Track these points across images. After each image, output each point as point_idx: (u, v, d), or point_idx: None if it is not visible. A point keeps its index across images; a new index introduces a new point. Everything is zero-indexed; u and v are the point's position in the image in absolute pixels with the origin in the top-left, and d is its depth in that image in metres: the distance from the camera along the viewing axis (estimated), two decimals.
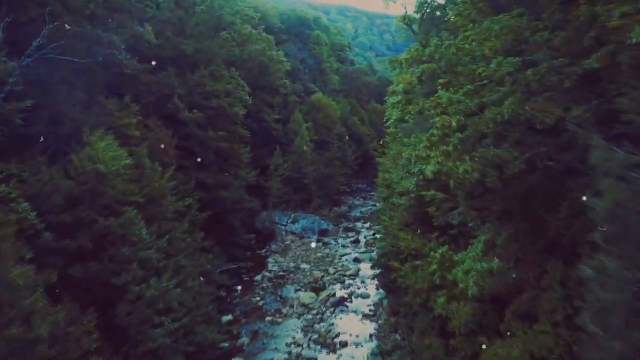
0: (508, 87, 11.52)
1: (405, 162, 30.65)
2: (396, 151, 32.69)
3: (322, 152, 58.81)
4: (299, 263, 38.24)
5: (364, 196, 67.19)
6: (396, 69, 34.35)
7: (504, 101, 11.38)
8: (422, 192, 23.77)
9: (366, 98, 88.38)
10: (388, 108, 50.06)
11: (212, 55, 38.25)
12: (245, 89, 41.72)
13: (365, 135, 73.56)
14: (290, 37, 78.75)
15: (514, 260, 14.70)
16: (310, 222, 46.27)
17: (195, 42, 37.55)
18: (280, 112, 55.59)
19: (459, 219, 21.47)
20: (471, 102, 12.14)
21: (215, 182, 34.83)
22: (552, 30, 13.32)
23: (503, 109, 10.97)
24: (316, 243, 42.75)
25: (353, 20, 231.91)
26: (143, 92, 33.04)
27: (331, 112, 62.83)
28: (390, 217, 30.91)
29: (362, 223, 51.63)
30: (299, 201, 50.39)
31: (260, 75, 52.69)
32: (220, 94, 36.76)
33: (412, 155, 30.53)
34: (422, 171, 20.19)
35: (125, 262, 18.61)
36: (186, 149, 33.68)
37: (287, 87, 55.95)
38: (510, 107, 10.92)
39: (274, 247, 41.76)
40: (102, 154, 19.22)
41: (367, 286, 33.98)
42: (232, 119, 37.65)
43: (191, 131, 33.64)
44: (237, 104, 38.18)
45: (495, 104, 11.85)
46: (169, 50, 36.57)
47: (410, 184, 26.23)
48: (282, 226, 45.79)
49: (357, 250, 42.27)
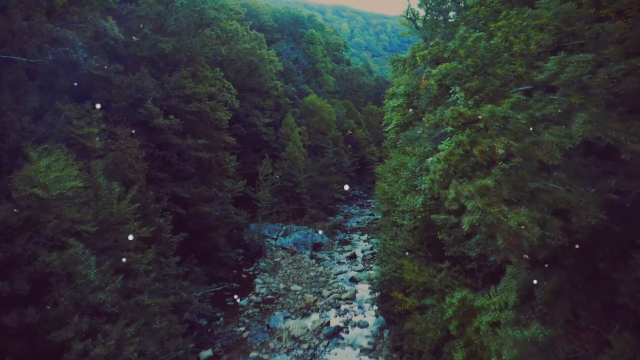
0: (576, 97, 7.93)
1: (408, 175, 27.13)
2: (398, 162, 29.09)
3: (317, 158, 55.21)
4: (290, 284, 34.57)
5: (360, 204, 63.64)
6: (398, 69, 30.70)
7: (572, 117, 7.79)
8: (431, 216, 20.18)
9: (363, 100, 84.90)
10: (387, 112, 46.54)
11: (193, 55, 34.57)
12: (232, 91, 38.06)
13: (362, 139, 69.99)
14: (284, 36, 75.18)
15: (563, 324, 11.10)
16: (303, 235, 42.61)
17: (175, 40, 33.91)
18: (272, 116, 51.99)
19: (478, 250, 17.94)
20: (523, 118, 8.54)
21: (196, 195, 31.13)
22: (614, 19, 9.77)
23: (574, 129, 7.39)
24: (309, 259, 39.09)
25: (349, 20, 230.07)
26: (116, 96, 29.45)
27: (326, 115, 59.20)
28: (392, 238, 27.35)
29: (359, 235, 48.02)
30: (292, 212, 46.73)
31: (250, 76, 49.09)
32: (202, 97, 33.08)
33: (416, 167, 27.08)
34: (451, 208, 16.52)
35: (67, 311, 14.90)
36: (162, 159, 30.02)
37: (279, 89, 52.30)
38: (584, 128, 7.34)
39: (262, 264, 38.07)
40: (42, 175, 15.48)
41: (366, 312, 30.36)
42: (215, 124, 33.96)
43: (168, 139, 29.93)
44: (222, 108, 34.51)
45: (554, 121, 8.25)
46: (146, 49, 32.94)
47: (415, 203, 22.67)
48: (273, 240, 42.12)
49: (353, 267, 38.66)
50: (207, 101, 33.22)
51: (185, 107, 31.58)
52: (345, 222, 54.12)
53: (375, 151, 70.63)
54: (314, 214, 47.40)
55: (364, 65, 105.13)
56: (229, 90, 37.12)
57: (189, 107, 31.63)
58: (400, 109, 38.27)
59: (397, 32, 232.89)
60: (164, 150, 30.08)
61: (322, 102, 60.50)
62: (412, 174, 26.70)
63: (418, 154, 27.76)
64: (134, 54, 32.63)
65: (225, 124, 34.66)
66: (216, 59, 43.88)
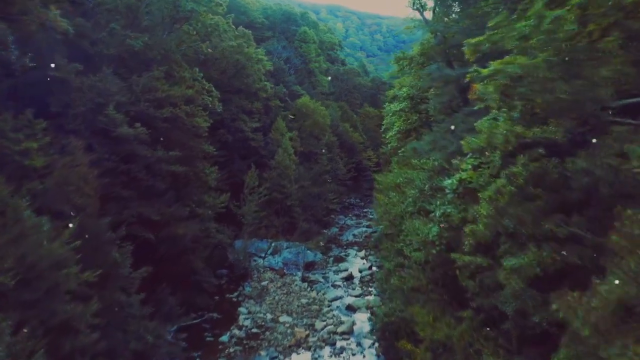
0: None
1: (416, 194, 23.04)
2: (403, 178, 24.93)
3: (309, 165, 51.01)
4: (279, 314, 30.35)
5: (357, 213, 59.53)
6: (404, 68, 26.53)
7: None
8: (451, 254, 16.04)
9: (359, 101, 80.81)
10: (387, 116, 42.48)
11: (168, 52, 30.30)
12: (214, 93, 33.83)
13: (358, 143, 65.90)
14: (275, 34, 70.96)
15: None
16: (294, 253, 38.43)
17: (147, 37, 29.66)
18: (260, 120, 47.73)
19: (516, 305, 13.81)
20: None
21: (169, 215, 26.85)
22: None
23: None
24: (300, 282, 34.91)
25: (343, 20, 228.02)
26: (76, 101, 25.20)
27: (320, 119, 55.06)
28: (397, 268, 23.28)
29: (355, 251, 43.92)
30: (282, 226, 42.50)
31: (236, 76, 44.83)
32: (177, 101, 28.82)
33: (425, 185, 22.99)
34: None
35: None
36: (127, 174, 25.70)
37: (268, 91, 48.04)
38: None
39: (248, 289, 33.84)
40: None
41: (365, 351, 26.21)
42: (193, 132, 29.69)
43: (135, 150, 25.64)
44: (200, 113, 30.28)
45: None
46: (114, 46, 28.71)
47: (428, 232, 18.56)
48: (261, 259, 37.90)
49: (350, 291, 34.52)
50: (184, 105, 28.96)
51: (157, 112, 27.31)
52: (341, 234, 50.00)
53: (372, 156, 66.59)
54: (306, 229, 43.18)
55: (359, 65, 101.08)
56: (210, 93, 32.85)
57: (160, 112, 27.35)
58: (402, 114, 34.28)
59: (392, 32, 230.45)
60: (130, 163, 25.76)
61: (315, 105, 56.37)
62: (421, 194, 22.61)
63: (427, 168, 23.76)
64: (100, 52, 28.46)
65: (205, 131, 30.38)
66: (198, 58, 39.58)
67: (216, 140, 41.68)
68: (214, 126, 41.14)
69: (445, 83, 19.70)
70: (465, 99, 20.52)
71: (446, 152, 19.77)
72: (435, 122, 26.03)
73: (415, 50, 24.83)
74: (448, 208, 17.64)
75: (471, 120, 18.83)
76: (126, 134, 24.13)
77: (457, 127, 20.22)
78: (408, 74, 28.03)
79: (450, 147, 19.42)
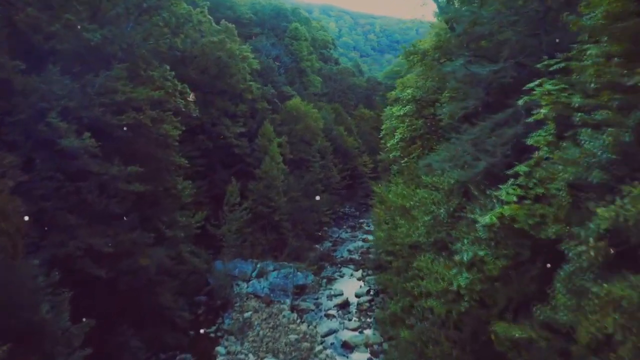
0: None
1: (430, 222, 18.69)
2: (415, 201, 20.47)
3: (300, 173, 46.54)
4: (263, 354, 25.86)
5: (352, 224, 55.12)
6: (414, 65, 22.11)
7: None
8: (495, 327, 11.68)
9: (353, 103, 76.42)
10: (387, 120, 38.14)
11: (132, 47, 25.68)
12: (188, 94, 29.27)
13: (353, 148, 61.49)
14: (264, 31, 66.37)
15: None
16: (282, 276, 33.92)
17: (107, 30, 25.09)
18: (246, 124, 43.18)
19: None
20: None
21: (129, 244, 22.27)
22: None
23: None
24: (289, 313, 30.43)
25: (336, 19, 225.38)
26: (18, 106, 20.70)
27: (312, 122, 50.56)
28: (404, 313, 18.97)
29: (351, 271, 39.49)
30: (269, 244, 37.99)
31: (219, 76, 40.24)
32: (142, 105, 24.26)
33: (442, 213, 18.66)
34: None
35: None
36: (77, 194, 21.07)
37: (255, 92, 43.46)
38: None
39: (228, 321, 29.35)
40: None
41: None
42: (160, 142, 25.14)
43: (86, 166, 21.04)
44: (170, 119, 25.74)
45: None
46: (69, 40, 24.11)
47: (453, 278, 14.18)
48: (245, 283, 33.37)
49: (346, 322, 30.12)
50: (149, 110, 24.41)
51: (115, 119, 22.72)
52: (335, 250, 45.56)
53: (368, 162, 62.27)
54: (296, 246, 38.70)
55: (354, 64, 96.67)
56: (184, 94, 28.28)
57: (119, 119, 22.76)
58: (406, 119, 29.97)
59: (386, 32, 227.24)
60: (80, 181, 21.15)
61: (307, 107, 51.86)
62: (436, 221, 18.27)
63: (442, 187, 19.40)
64: (53, 47, 23.90)
65: (175, 139, 25.80)
66: (175, 56, 35.00)
67: (195, 147, 37.26)
68: (192, 131, 36.69)
69: (473, 84, 15.45)
70: (495, 104, 16.20)
71: (473, 171, 15.43)
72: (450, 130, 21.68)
73: (428, 44, 20.45)
74: (481, 250, 13.30)
75: (507, 132, 14.52)
76: (70, 147, 19.49)
77: (484, 138, 15.94)
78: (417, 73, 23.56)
79: (478, 166, 15.08)
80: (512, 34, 14.47)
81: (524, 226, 11.65)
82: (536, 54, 15.82)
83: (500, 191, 12.64)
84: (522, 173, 11.90)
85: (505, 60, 14.56)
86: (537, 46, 15.88)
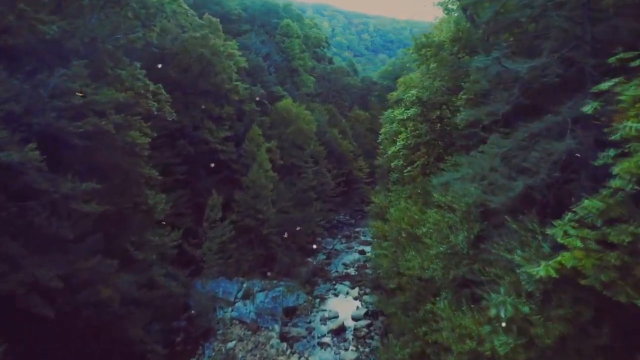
0: None
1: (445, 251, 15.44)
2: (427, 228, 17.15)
3: (292, 181, 43.19)
4: None
5: (347, 234, 51.78)
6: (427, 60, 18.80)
7: None
8: None
9: (348, 103, 73.12)
10: (386, 123, 34.83)
11: (95, 42, 22.23)
12: (162, 96, 25.87)
13: (348, 152, 58.21)
14: (254, 28, 62.88)
15: None
16: (270, 297, 30.59)
17: (66, 22, 21.69)
18: (233, 127, 39.75)
19: None
20: None
21: (86, 273, 18.82)
22: None
23: None
24: (278, 342, 27.07)
25: (330, 19, 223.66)
26: None
27: (304, 125, 47.13)
28: None
29: (347, 288, 36.20)
30: (256, 260, 34.63)
31: (202, 75, 36.79)
32: (105, 109, 20.82)
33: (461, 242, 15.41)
34: None
35: None
36: (21, 217, 17.59)
37: (242, 92, 40.03)
38: None
39: (209, 352, 25.95)
40: None
41: None
42: (127, 151, 21.69)
43: (33, 183, 17.57)
44: (139, 124, 22.32)
45: None
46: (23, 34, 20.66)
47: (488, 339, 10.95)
48: (228, 307, 29.95)
49: (342, 351, 26.86)
50: (114, 115, 20.97)
51: (71, 125, 19.26)
52: (329, 263, 42.29)
53: (363, 166, 59.07)
54: (286, 262, 35.35)
55: (348, 64, 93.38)
56: (157, 96, 24.86)
57: (76, 125, 19.31)
58: (410, 123, 26.76)
59: (380, 31, 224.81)
60: (24, 200, 17.68)
61: (299, 109, 48.44)
62: (455, 253, 15.02)
63: (458, 207, 16.17)
64: (6, 42, 20.46)
65: (144, 147, 22.35)
66: (152, 53, 31.50)
67: (175, 153, 33.85)
68: (171, 136, 33.33)
69: (506, 84, 12.22)
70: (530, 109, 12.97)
71: (506, 195, 12.17)
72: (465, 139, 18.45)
73: (445, 35, 17.16)
74: (525, 307, 10.06)
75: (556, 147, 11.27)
76: (7, 161, 16.03)
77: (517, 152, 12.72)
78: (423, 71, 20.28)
79: (514, 189, 11.82)
80: (558, 21, 11.24)
81: (594, 283, 8.43)
82: (581, 47, 12.67)
83: (554, 229, 9.39)
84: (591, 209, 8.63)
85: (547, 54, 11.33)
86: (580, 37, 12.71)
